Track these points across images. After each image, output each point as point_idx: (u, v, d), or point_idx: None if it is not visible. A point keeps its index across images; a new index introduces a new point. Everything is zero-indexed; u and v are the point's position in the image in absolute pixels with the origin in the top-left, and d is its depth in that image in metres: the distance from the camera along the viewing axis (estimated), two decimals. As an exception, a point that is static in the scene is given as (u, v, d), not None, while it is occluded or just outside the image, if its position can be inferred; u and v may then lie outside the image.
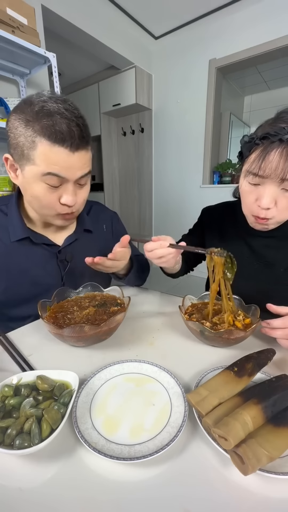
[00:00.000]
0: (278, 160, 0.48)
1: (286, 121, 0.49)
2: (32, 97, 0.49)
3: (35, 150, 0.48)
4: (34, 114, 0.47)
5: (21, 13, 1.34)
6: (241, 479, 0.29)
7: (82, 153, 0.52)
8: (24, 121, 0.48)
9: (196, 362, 0.49)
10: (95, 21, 2.00)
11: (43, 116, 0.47)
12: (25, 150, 0.49)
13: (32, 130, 0.47)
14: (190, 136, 2.56)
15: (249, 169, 0.53)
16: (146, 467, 0.31)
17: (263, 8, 1.97)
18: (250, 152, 0.53)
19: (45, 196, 0.53)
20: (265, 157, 0.49)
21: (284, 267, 0.66)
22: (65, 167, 0.51)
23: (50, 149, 0.48)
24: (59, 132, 0.47)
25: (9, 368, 0.47)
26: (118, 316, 0.51)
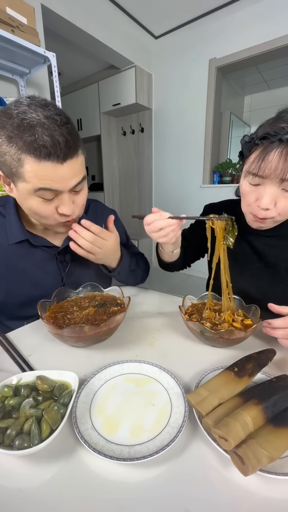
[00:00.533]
0: (278, 160, 0.47)
1: (286, 121, 0.48)
2: (11, 108, 0.46)
3: (23, 167, 0.46)
4: (15, 129, 0.44)
5: (21, 12, 1.34)
6: (241, 480, 0.29)
7: (72, 162, 0.49)
8: (6, 137, 0.45)
9: (196, 363, 0.49)
10: (95, 21, 2.00)
11: (24, 131, 0.44)
12: (13, 168, 0.47)
13: (16, 147, 0.45)
14: (190, 135, 2.56)
15: (249, 169, 0.53)
16: (146, 468, 0.31)
17: (263, 7, 1.96)
18: (250, 152, 0.53)
19: (42, 209, 0.53)
20: (265, 157, 0.49)
21: (286, 267, 0.65)
22: (57, 180, 0.49)
23: (38, 165, 0.46)
24: (43, 147, 0.44)
25: (9, 368, 0.47)
26: (118, 316, 0.51)
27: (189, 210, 2.71)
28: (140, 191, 3.07)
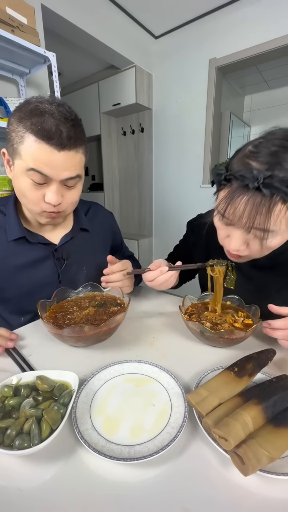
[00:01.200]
0: (244, 209, 0.42)
1: (260, 160, 0.42)
2: (32, 98, 0.51)
3: (23, 144, 0.49)
4: (28, 112, 0.49)
5: (21, 12, 1.34)
6: (241, 480, 0.29)
7: (69, 154, 0.51)
8: (18, 118, 0.50)
9: (196, 362, 0.49)
10: (95, 21, 2.00)
11: (34, 115, 0.48)
12: (14, 145, 0.51)
13: (23, 126, 0.49)
14: (190, 135, 2.55)
15: (217, 208, 0.48)
16: (146, 468, 0.31)
17: (263, 7, 1.96)
18: (220, 187, 0.48)
19: (30, 192, 0.54)
20: (231, 203, 0.44)
21: (275, 290, 0.62)
22: (49, 165, 0.51)
23: (36, 145, 0.49)
24: (45, 130, 0.48)
25: (9, 368, 0.47)
26: (118, 316, 0.51)
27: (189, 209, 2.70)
28: (140, 191, 3.07)
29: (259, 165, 0.41)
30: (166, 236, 2.95)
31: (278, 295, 0.62)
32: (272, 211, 0.41)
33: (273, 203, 0.41)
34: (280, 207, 0.41)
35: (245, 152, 0.45)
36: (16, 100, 1.46)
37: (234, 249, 0.49)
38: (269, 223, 0.42)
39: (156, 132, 2.83)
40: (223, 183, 0.46)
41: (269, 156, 0.41)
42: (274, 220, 0.42)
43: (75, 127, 0.51)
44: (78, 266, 0.72)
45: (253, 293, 0.63)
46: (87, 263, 0.74)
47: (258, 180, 0.40)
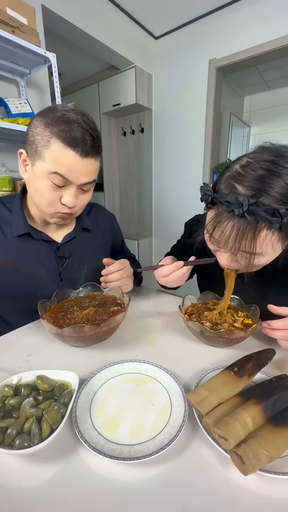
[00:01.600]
0: (229, 233, 0.43)
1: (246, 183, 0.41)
2: (57, 106, 0.55)
3: (48, 148, 0.52)
4: (55, 119, 0.52)
5: (21, 13, 1.34)
6: (241, 479, 0.29)
7: (90, 161, 0.56)
8: (44, 122, 0.53)
9: (196, 362, 0.49)
10: (95, 21, 2.00)
11: (62, 122, 0.52)
12: (39, 148, 0.53)
13: (50, 131, 0.52)
14: (190, 136, 2.56)
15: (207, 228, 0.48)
16: (146, 467, 0.31)
17: (263, 8, 1.96)
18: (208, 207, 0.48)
19: (48, 193, 0.56)
20: (218, 226, 0.44)
21: (274, 292, 0.62)
22: (72, 170, 0.54)
23: (62, 150, 0.52)
24: (73, 138, 0.52)
25: (9, 368, 0.47)
26: (118, 316, 0.51)
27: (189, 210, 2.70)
28: (140, 191, 3.07)
29: (245, 190, 0.41)
30: (166, 236, 2.95)
31: (276, 297, 0.62)
32: (257, 236, 0.41)
33: (258, 229, 0.41)
34: (266, 233, 0.41)
35: (232, 172, 0.44)
36: (16, 100, 1.46)
37: (223, 265, 0.51)
38: (255, 248, 0.42)
39: (156, 133, 2.83)
40: (210, 206, 0.46)
41: (255, 182, 0.40)
42: (260, 245, 0.42)
43: (97, 138, 0.56)
44: (79, 265, 0.73)
45: (252, 296, 0.63)
46: (88, 262, 0.75)
47: (243, 207, 0.39)
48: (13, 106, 1.42)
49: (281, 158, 0.41)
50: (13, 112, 1.41)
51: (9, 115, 1.41)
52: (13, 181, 1.47)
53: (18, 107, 1.44)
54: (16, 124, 1.31)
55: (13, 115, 1.40)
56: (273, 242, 0.42)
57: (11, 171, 1.56)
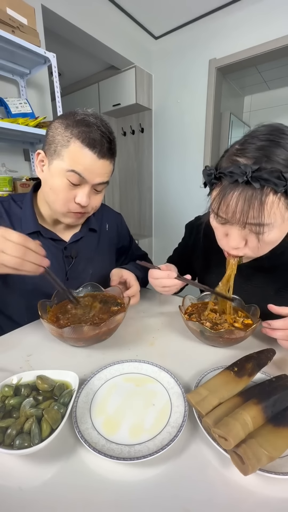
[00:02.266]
0: (235, 205, 0.42)
1: (247, 155, 0.42)
2: (77, 110, 0.58)
3: (68, 148, 0.55)
4: (75, 121, 0.55)
5: (21, 13, 1.34)
6: (241, 479, 0.29)
7: (105, 163, 0.58)
8: (65, 124, 0.56)
9: (196, 362, 0.49)
10: (95, 21, 2.00)
11: (82, 125, 0.55)
12: (58, 147, 0.56)
13: (70, 132, 0.54)
14: (190, 136, 2.56)
15: (212, 207, 0.48)
16: (146, 467, 0.31)
17: (263, 8, 1.96)
18: (212, 187, 0.48)
19: (63, 191, 0.58)
20: (223, 200, 0.44)
21: (274, 290, 0.62)
22: (88, 170, 0.56)
23: (80, 150, 0.54)
24: (92, 139, 0.54)
25: (9, 368, 0.47)
26: (118, 316, 0.51)
27: (189, 210, 2.70)
28: (140, 191, 3.07)
29: (247, 160, 0.42)
30: (166, 236, 2.95)
31: (277, 296, 0.62)
32: (264, 203, 0.40)
33: (264, 195, 0.40)
34: (272, 199, 0.40)
35: (232, 150, 0.46)
36: (16, 100, 1.46)
37: (233, 247, 0.49)
38: (263, 216, 0.41)
39: (156, 133, 2.84)
40: (214, 182, 0.46)
41: (256, 151, 0.41)
42: (268, 213, 0.41)
43: (113, 141, 0.59)
44: (84, 265, 0.74)
45: (252, 294, 0.62)
46: (94, 262, 0.76)
47: (247, 174, 0.39)
48: (13, 106, 1.42)
49: (277, 131, 0.43)
50: (13, 112, 1.41)
51: (9, 115, 1.41)
52: (13, 181, 1.47)
53: (18, 107, 1.44)
54: (16, 124, 1.31)
55: (13, 115, 1.40)
56: (281, 210, 0.42)
57: (11, 171, 1.56)
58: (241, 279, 0.64)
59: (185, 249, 0.81)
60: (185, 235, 0.83)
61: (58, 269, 0.69)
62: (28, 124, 1.38)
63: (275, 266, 0.60)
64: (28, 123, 1.38)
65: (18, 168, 1.65)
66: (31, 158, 1.71)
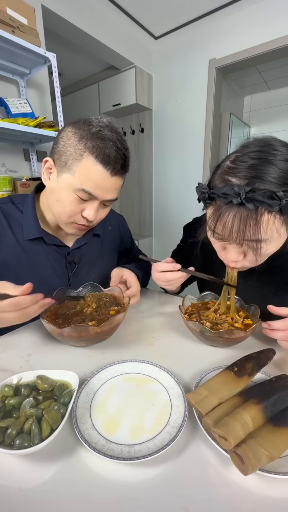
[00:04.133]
0: (232, 224, 0.42)
1: (238, 174, 0.42)
2: (91, 119, 0.55)
3: (80, 162, 0.52)
4: (90, 134, 0.52)
5: (21, 13, 1.34)
6: (241, 479, 0.29)
7: (117, 180, 0.57)
8: (79, 136, 0.52)
9: (196, 362, 0.49)
10: (95, 21, 2.00)
11: (97, 138, 0.52)
12: (69, 160, 0.53)
13: (84, 145, 0.52)
14: (190, 136, 2.56)
15: (208, 224, 0.48)
16: (146, 467, 0.31)
17: (263, 8, 1.97)
18: (206, 205, 0.49)
19: (71, 205, 0.56)
20: (219, 219, 0.44)
21: (274, 291, 0.62)
22: (99, 187, 0.54)
23: (93, 166, 0.52)
24: (107, 155, 0.52)
25: (9, 368, 0.47)
26: (118, 316, 0.51)
27: (189, 210, 2.70)
28: (140, 191, 3.07)
29: (239, 181, 0.42)
30: (166, 236, 2.95)
31: (275, 296, 0.62)
32: (260, 222, 0.41)
33: (259, 214, 0.41)
34: (267, 217, 0.41)
35: (224, 168, 0.45)
36: (16, 100, 1.46)
37: (231, 261, 0.49)
38: (259, 234, 0.42)
39: (156, 133, 2.84)
40: (208, 202, 0.47)
41: (247, 171, 0.41)
42: (264, 230, 0.42)
43: (128, 157, 0.57)
44: (87, 270, 0.74)
45: (251, 295, 0.62)
46: (96, 266, 0.75)
47: (240, 195, 0.40)
48: (13, 106, 1.42)
49: (268, 147, 0.42)
50: (13, 112, 1.41)
51: (9, 115, 1.41)
52: (13, 181, 1.47)
53: (18, 107, 1.44)
54: (16, 124, 1.31)
55: (13, 115, 1.40)
56: (277, 226, 0.42)
57: (11, 171, 1.56)
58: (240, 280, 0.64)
59: (184, 250, 0.81)
60: (183, 236, 0.83)
61: (60, 275, 0.69)
62: (28, 124, 1.38)
63: (273, 268, 0.60)
64: (28, 123, 1.38)
65: (18, 168, 1.66)
66: (31, 158, 1.71)
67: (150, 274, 0.89)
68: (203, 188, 0.47)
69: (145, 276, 0.84)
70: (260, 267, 0.57)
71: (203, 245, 0.64)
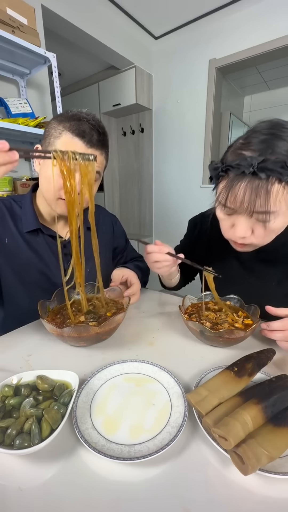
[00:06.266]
0: (243, 194, 0.44)
1: (251, 148, 0.45)
2: (73, 109, 0.62)
3: (59, 139, 0.58)
4: (68, 117, 0.59)
5: (21, 13, 1.34)
6: (241, 479, 0.29)
7: (96, 152, 0.60)
8: (58, 120, 0.60)
9: (196, 362, 0.49)
10: (95, 21, 2.00)
11: (73, 119, 0.59)
12: (51, 139, 0.59)
13: (63, 126, 0.58)
14: (190, 136, 2.56)
15: (219, 199, 0.50)
16: (146, 467, 0.31)
17: (263, 8, 1.97)
18: (218, 180, 0.50)
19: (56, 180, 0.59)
20: (231, 190, 0.46)
21: (276, 282, 0.63)
22: None
23: (71, 139, 0.58)
24: (81, 130, 0.58)
25: (9, 368, 0.47)
26: (118, 316, 0.51)
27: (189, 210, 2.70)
28: (140, 191, 3.07)
29: (252, 153, 0.44)
30: (166, 236, 2.95)
31: (278, 286, 0.63)
32: (270, 192, 0.43)
33: (270, 184, 0.43)
34: (277, 187, 0.43)
35: (236, 145, 0.48)
36: (16, 100, 1.46)
37: (240, 236, 0.50)
38: (269, 204, 0.44)
39: (156, 133, 2.84)
40: (221, 175, 0.48)
41: (260, 144, 0.44)
42: (274, 201, 0.44)
43: (103, 134, 0.62)
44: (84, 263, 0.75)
45: (254, 285, 0.64)
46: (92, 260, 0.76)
47: (253, 165, 0.42)
48: (13, 106, 1.42)
49: (278, 125, 0.46)
50: (13, 112, 1.41)
51: (9, 115, 1.41)
52: (13, 181, 1.47)
53: (18, 107, 1.44)
54: (16, 124, 1.31)
55: (13, 115, 1.40)
56: (286, 198, 0.44)
57: (11, 171, 1.56)
58: (244, 271, 0.66)
59: (188, 244, 0.82)
60: (188, 230, 0.83)
61: (57, 266, 0.71)
62: (28, 124, 1.38)
63: (277, 258, 0.62)
64: (28, 123, 1.38)
65: (18, 168, 1.66)
66: (31, 158, 1.71)
67: (149, 273, 0.91)
68: (216, 163, 0.50)
69: (144, 276, 0.85)
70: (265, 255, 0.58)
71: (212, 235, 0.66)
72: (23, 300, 0.69)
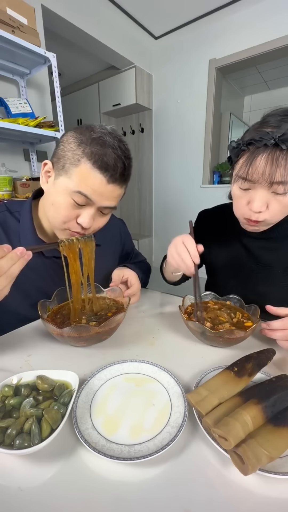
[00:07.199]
0: (265, 165, 0.48)
1: (271, 125, 0.49)
2: (94, 125, 0.54)
3: (77, 167, 0.51)
4: (90, 139, 0.51)
5: (21, 13, 1.34)
6: (241, 479, 0.29)
7: (115, 188, 0.55)
8: (78, 140, 0.51)
9: (196, 362, 0.49)
10: (95, 21, 2.00)
11: (97, 144, 0.51)
12: (67, 164, 0.52)
13: (82, 151, 0.51)
14: (190, 136, 2.56)
15: (238, 174, 0.53)
16: (146, 467, 0.31)
17: (263, 8, 1.97)
18: (238, 157, 0.54)
19: (66, 210, 0.54)
20: (252, 162, 0.49)
21: (282, 269, 0.65)
22: (96, 192, 0.53)
23: (90, 172, 0.51)
24: (105, 162, 0.51)
25: (9, 368, 0.47)
26: (118, 316, 0.51)
27: (189, 210, 2.70)
28: (140, 191, 3.07)
29: (272, 129, 0.48)
30: (166, 236, 2.96)
31: (284, 274, 0.65)
32: None
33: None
34: None
35: (255, 126, 0.52)
36: (16, 100, 1.46)
37: (256, 210, 0.52)
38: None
39: (156, 133, 2.84)
40: (243, 149, 0.51)
41: (279, 122, 0.48)
42: None
43: (129, 166, 0.56)
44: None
45: (260, 273, 0.67)
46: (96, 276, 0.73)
47: (274, 138, 0.46)
48: (13, 106, 1.43)
49: None
50: (13, 112, 1.41)
51: (9, 115, 1.41)
52: (13, 181, 1.48)
53: (18, 107, 1.44)
54: (16, 124, 1.32)
55: (13, 115, 1.40)
56: None
57: (11, 171, 1.57)
58: (251, 259, 0.69)
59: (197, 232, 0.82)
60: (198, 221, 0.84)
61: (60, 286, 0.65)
62: (28, 124, 1.38)
63: (282, 246, 0.64)
64: (28, 123, 1.38)
65: (18, 168, 1.66)
66: (31, 158, 1.71)
67: (150, 274, 0.90)
68: (238, 141, 0.53)
69: (145, 276, 0.84)
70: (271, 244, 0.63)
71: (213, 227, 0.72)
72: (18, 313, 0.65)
